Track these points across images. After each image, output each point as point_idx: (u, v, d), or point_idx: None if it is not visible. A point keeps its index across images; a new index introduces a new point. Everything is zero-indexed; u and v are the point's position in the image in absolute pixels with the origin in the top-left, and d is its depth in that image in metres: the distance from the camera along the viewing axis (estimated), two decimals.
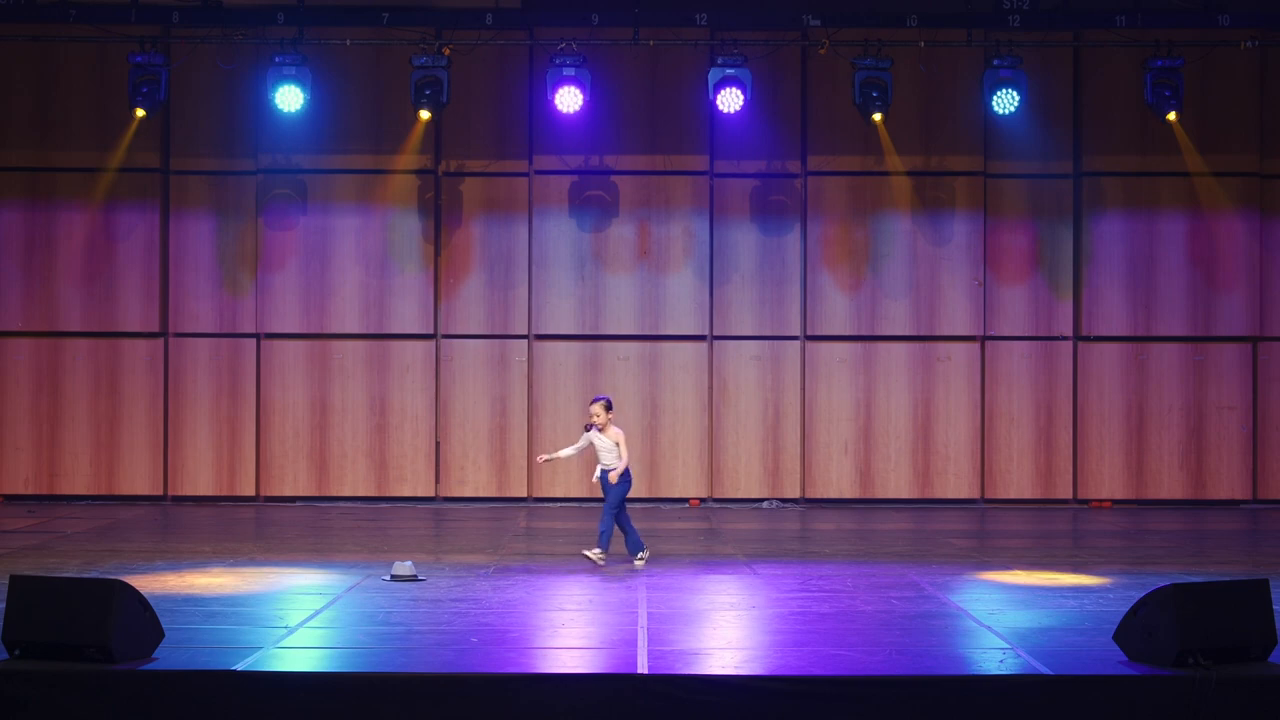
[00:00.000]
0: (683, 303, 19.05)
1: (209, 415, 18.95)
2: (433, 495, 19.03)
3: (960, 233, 19.07)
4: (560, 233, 19.08)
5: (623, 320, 19.04)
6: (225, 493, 18.95)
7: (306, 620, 10.44)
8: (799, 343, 19.11)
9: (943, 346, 19.09)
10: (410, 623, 10.43)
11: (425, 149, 18.95)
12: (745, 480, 19.04)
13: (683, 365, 19.07)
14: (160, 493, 18.96)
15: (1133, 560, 14.09)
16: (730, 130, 18.79)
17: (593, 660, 9.32)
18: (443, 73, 17.59)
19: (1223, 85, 18.86)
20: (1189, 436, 19.08)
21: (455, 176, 19.06)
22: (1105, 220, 19.10)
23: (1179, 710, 8.49)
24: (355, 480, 18.99)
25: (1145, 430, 19.07)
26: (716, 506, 18.94)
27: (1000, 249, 19.11)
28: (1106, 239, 19.08)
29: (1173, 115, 17.81)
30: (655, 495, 18.97)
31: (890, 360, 19.07)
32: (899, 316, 19.03)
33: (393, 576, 12.27)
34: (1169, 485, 19.04)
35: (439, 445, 19.03)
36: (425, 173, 19.02)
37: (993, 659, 9.26)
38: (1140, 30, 17.98)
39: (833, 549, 14.82)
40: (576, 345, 19.09)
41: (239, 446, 18.95)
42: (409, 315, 19.01)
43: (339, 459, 18.98)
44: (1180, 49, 17.71)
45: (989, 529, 17.31)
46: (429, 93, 17.57)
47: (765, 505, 19.00)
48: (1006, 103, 17.60)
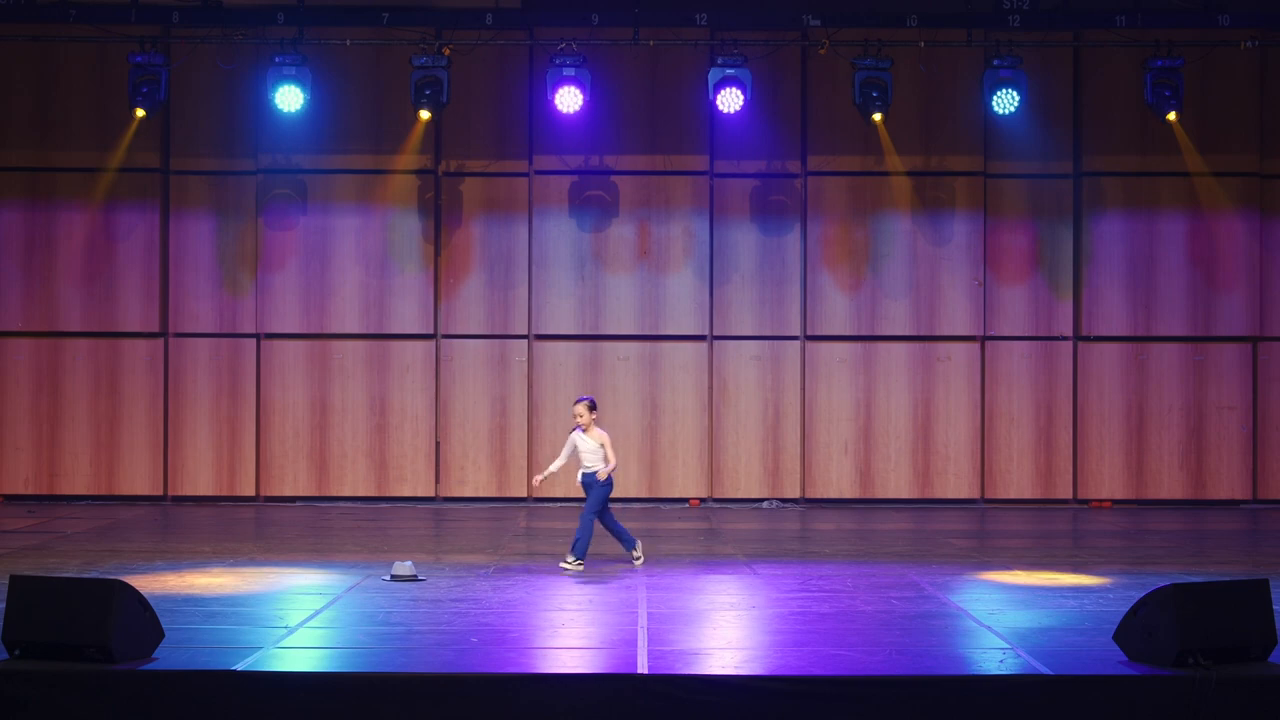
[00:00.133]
0: (683, 303, 19.05)
1: (209, 415, 18.95)
2: (433, 495, 19.03)
3: (960, 233, 19.07)
4: (560, 233, 19.08)
5: (623, 320, 19.04)
6: (225, 493, 18.95)
7: (306, 620, 10.44)
8: (799, 343, 19.11)
9: (943, 346, 19.10)
10: (410, 623, 10.43)
11: (425, 149, 18.95)
12: (745, 480, 19.04)
13: (683, 365, 19.07)
14: (160, 493, 18.96)
15: (1133, 560, 14.08)
16: (730, 130, 18.79)
17: (593, 660, 9.32)
18: (443, 73, 17.59)
19: (1223, 85, 18.86)
20: (1189, 436, 19.08)
21: (455, 176, 19.07)
22: (1105, 220, 19.10)
23: (1179, 710, 8.49)
24: (355, 480, 18.99)
25: (1145, 430, 19.07)
26: (716, 506, 18.94)
27: (1000, 249, 19.11)
28: (1106, 239, 19.08)
29: (1173, 115, 17.82)
30: (655, 495, 18.97)
31: (890, 360, 19.08)
32: (899, 316, 19.03)
33: (393, 576, 12.27)
34: (1169, 485, 19.05)
35: (439, 445, 19.03)
36: (425, 173, 19.02)
37: (993, 659, 9.26)
38: (1140, 30, 17.98)
39: (833, 549, 14.81)
40: (576, 345, 19.09)
41: (239, 446, 18.96)
42: (409, 315, 19.01)
43: (339, 459, 18.98)
44: (1180, 49, 17.71)
45: (989, 529, 17.31)
46: (429, 93, 17.58)
47: (765, 505, 19.00)
48: (1006, 103, 17.60)
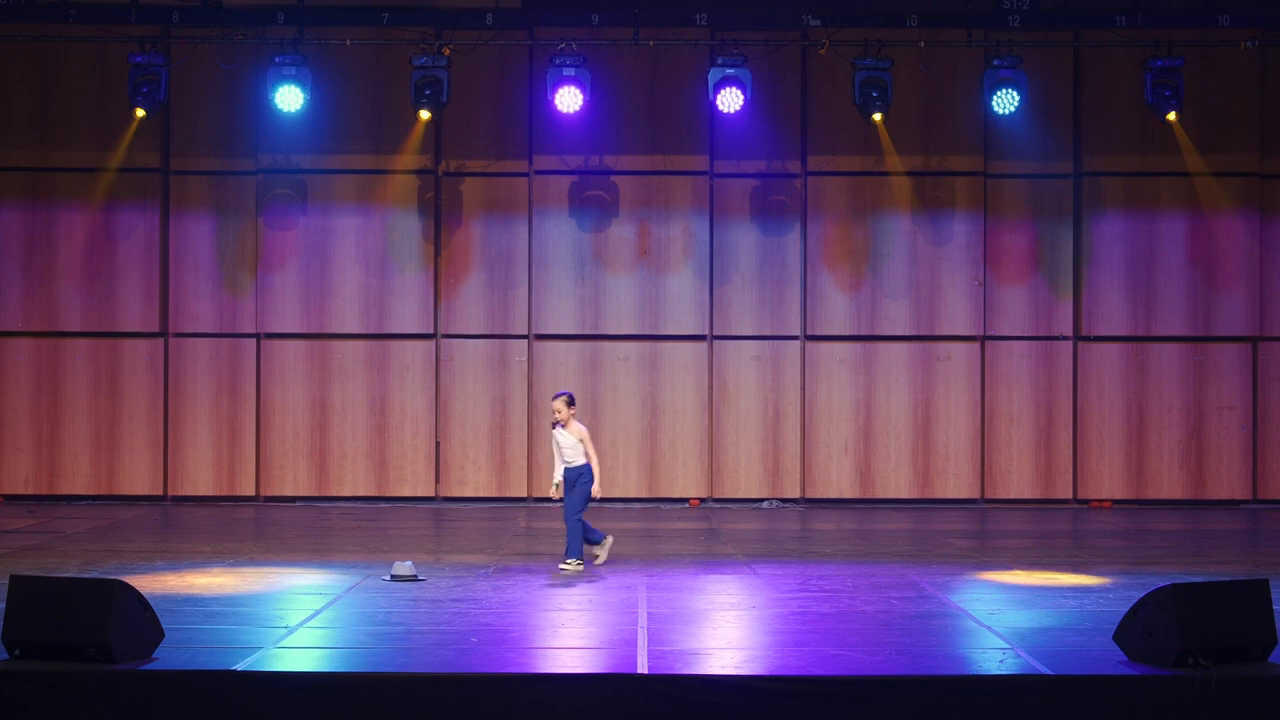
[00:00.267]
0: (683, 303, 19.05)
1: (209, 415, 18.95)
2: (433, 495, 19.03)
3: (960, 233, 19.07)
4: (560, 233, 19.08)
5: (623, 320, 19.04)
6: (225, 493, 18.95)
7: (306, 620, 10.44)
8: (799, 343, 19.11)
9: (943, 346, 19.09)
10: (410, 623, 10.43)
11: (425, 149, 18.95)
12: (745, 480, 19.04)
13: (683, 365, 19.06)
14: (160, 493, 18.96)
15: (1133, 560, 14.08)
16: (730, 130, 18.79)
17: (593, 660, 9.32)
18: (443, 73, 17.59)
19: (1223, 85, 18.85)
20: (1189, 436, 19.08)
21: (455, 176, 19.06)
22: (1105, 220, 19.09)
23: (1179, 710, 8.49)
24: (355, 480, 18.99)
25: (1145, 430, 19.07)
26: (716, 506, 18.94)
27: (1000, 249, 19.11)
28: (1106, 239, 19.08)
29: (1173, 115, 17.82)
30: (655, 495, 18.97)
31: (890, 360, 19.07)
32: (899, 316, 19.03)
33: (393, 576, 12.27)
34: (1169, 485, 19.04)
35: (439, 445, 19.03)
36: (425, 173, 19.02)
37: (993, 659, 9.26)
38: (1140, 30, 17.98)
39: (833, 549, 14.81)
40: (576, 345, 19.09)
41: (239, 446, 18.95)
42: (409, 315, 19.01)
43: (339, 459, 18.98)
44: (1180, 49, 17.71)
45: (989, 529, 17.31)
46: (429, 93, 17.57)
47: (765, 505, 19.00)
48: (1006, 103, 17.60)
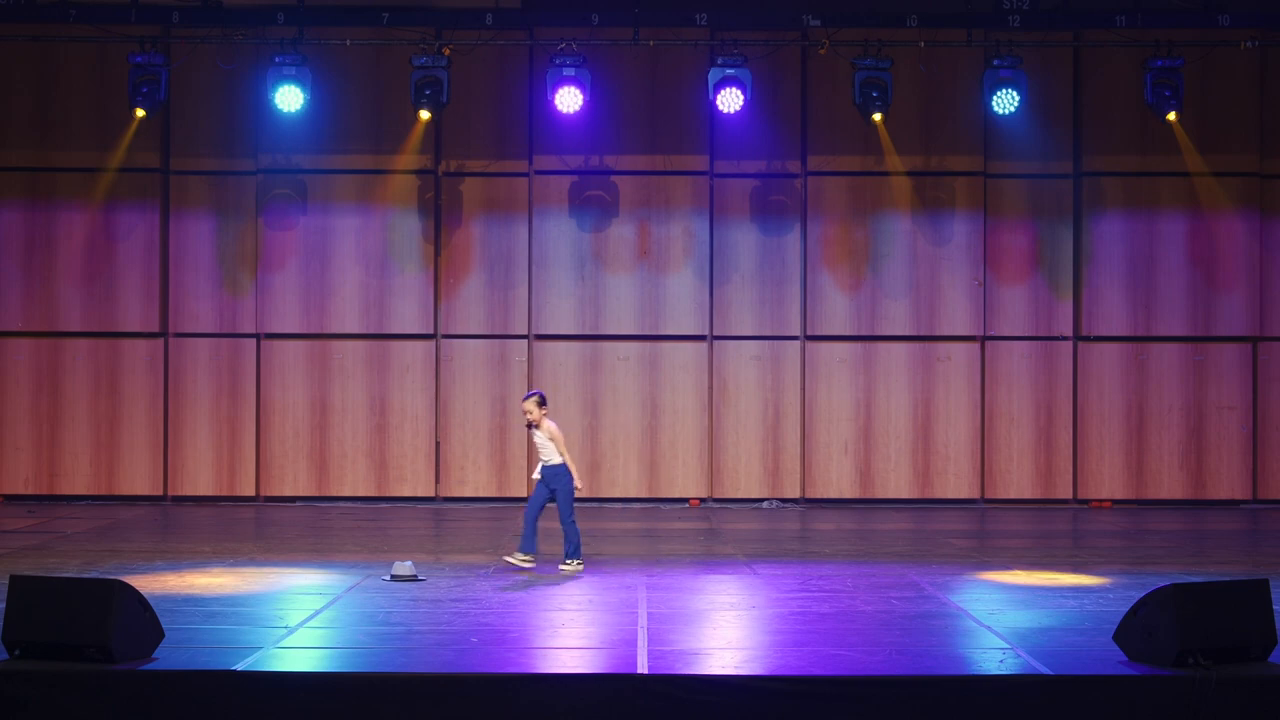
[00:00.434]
0: (683, 303, 19.05)
1: (209, 415, 18.95)
2: (433, 495, 19.03)
3: (960, 233, 19.07)
4: (560, 233, 19.08)
5: (623, 320, 19.04)
6: (225, 493, 18.95)
7: (306, 620, 10.44)
8: (799, 343, 19.11)
9: (943, 346, 19.09)
10: (410, 623, 10.43)
11: (425, 149, 18.95)
12: (745, 480, 19.04)
13: (683, 365, 19.06)
14: (160, 493, 18.96)
15: (1133, 560, 14.08)
16: (730, 130, 18.79)
17: (593, 660, 9.32)
18: (443, 73, 17.59)
19: (1223, 85, 18.85)
20: (1189, 436, 19.07)
21: (455, 176, 19.06)
22: (1105, 220, 19.09)
23: (1179, 710, 8.49)
24: (355, 480, 18.99)
25: (1145, 430, 19.07)
26: (716, 506, 18.94)
27: (1000, 249, 19.11)
28: (1106, 239, 19.08)
29: (1173, 115, 17.81)
30: (655, 495, 18.97)
31: (890, 360, 19.07)
32: (899, 316, 19.03)
33: (393, 576, 12.27)
34: (1169, 485, 19.04)
35: (439, 445, 19.03)
36: (425, 173, 19.02)
37: (993, 659, 9.27)
38: (1140, 30, 17.98)
39: (833, 549, 14.81)
40: (576, 345, 19.09)
41: (239, 446, 18.95)
42: (409, 315, 19.01)
43: (339, 459, 18.98)
44: (1180, 49, 17.71)
45: (989, 529, 17.31)
46: (429, 93, 17.57)
47: (765, 505, 19.00)
48: (1006, 103, 17.60)
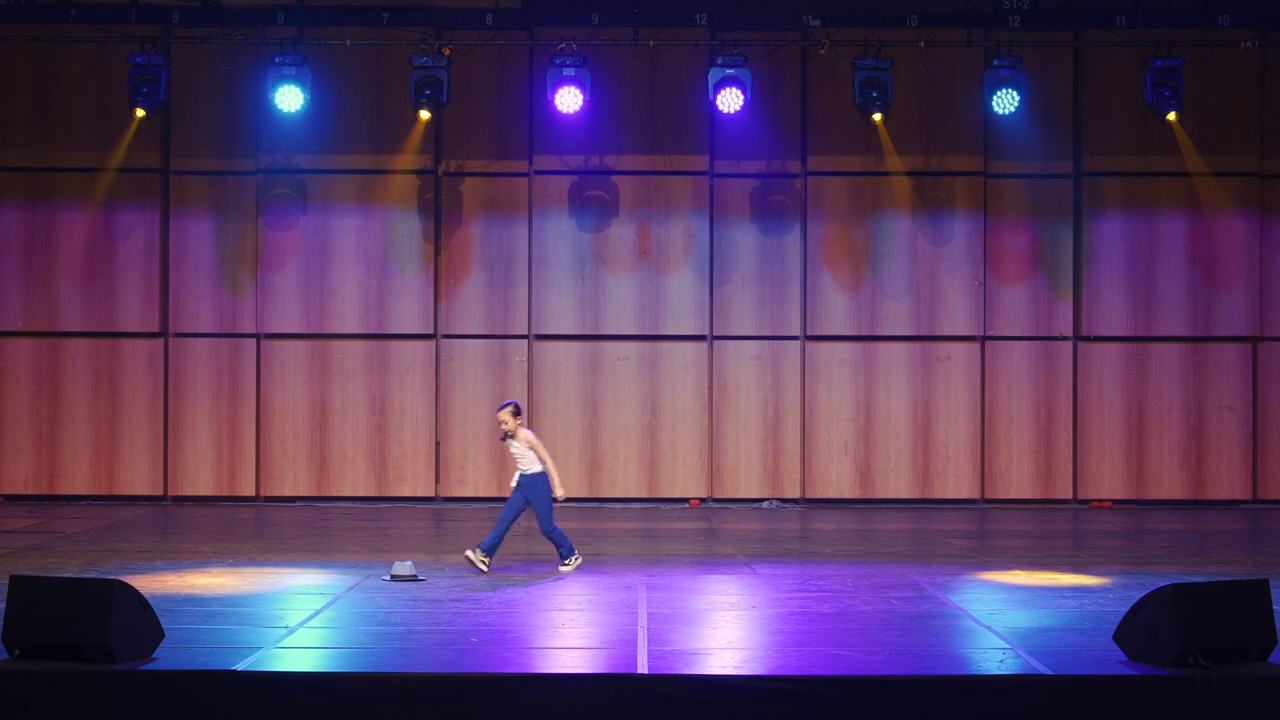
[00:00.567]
0: (683, 303, 19.05)
1: (209, 415, 18.95)
2: (433, 495, 19.02)
3: (960, 233, 19.07)
4: (560, 233, 19.08)
5: (623, 320, 19.04)
6: (225, 493, 18.95)
7: (306, 620, 10.44)
8: (799, 343, 19.10)
9: (943, 346, 19.09)
10: (410, 623, 10.43)
11: (425, 149, 18.95)
12: (745, 480, 19.04)
13: (683, 365, 19.06)
14: (160, 493, 18.96)
15: (1133, 560, 14.08)
16: (730, 130, 18.79)
17: (593, 660, 9.32)
18: (443, 73, 17.59)
19: (1223, 85, 18.85)
20: (1189, 436, 19.07)
21: (455, 176, 19.06)
22: (1105, 220, 19.09)
23: (1179, 710, 8.49)
24: (355, 480, 18.99)
25: (1145, 430, 19.07)
26: (716, 506, 18.94)
27: (1000, 249, 19.11)
28: (1106, 239, 19.08)
29: (1173, 115, 17.81)
30: (655, 495, 18.97)
31: (890, 360, 19.07)
32: (899, 316, 19.03)
33: (393, 576, 12.27)
34: (1169, 485, 19.04)
35: (439, 445, 19.03)
36: (425, 173, 19.02)
37: (993, 659, 9.26)
38: (1140, 30, 17.98)
39: (833, 549, 14.81)
40: (576, 345, 19.09)
41: (239, 446, 18.95)
42: (409, 315, 19.01)
43: (339, 459, 18.98)
44: (1180, 49, 17.71)
45: (989, 529, 17.31)
46: (429, 93, 17.57)
47: (765, 505, 19.00)
48: (1006, 103, 17.60)
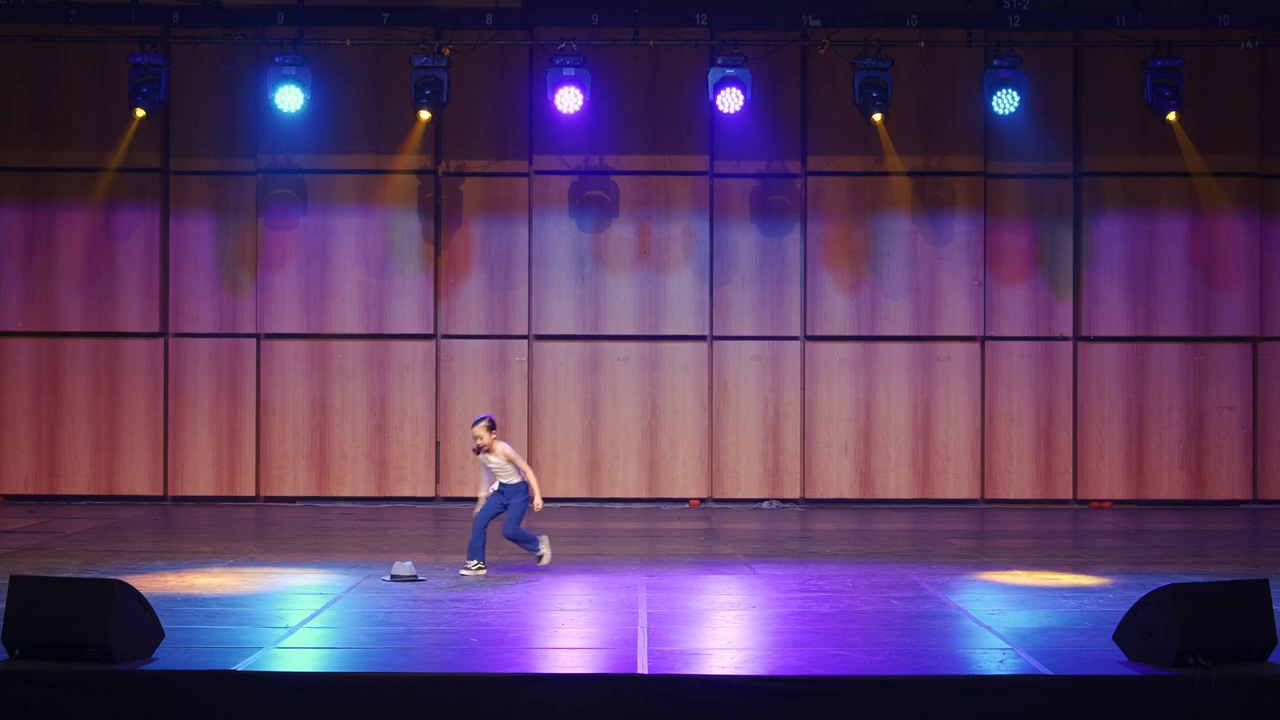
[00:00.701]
0: (683, 303, 19.05)
1: (209, 415, 18.95)
2: (433, 495, 19.03)
3: (960, 233, 19.07)
4: (560, 233, 19.08)
5: (623, 320, 19.04)
6: (225, 493, 18.95)
7: (306, 620, 10.44)
8: (799, 343, 19.10)
9: (943, 346, 19.09)
10: (410, 623, 10.43)
11: (425, 149, 18.95)
12: (745, 480, 19.04)
13: (683, 365, 19.06)
14: (160, 493, 18.96)
15: (1133, 560, 14.08)
16: (730, 130, 18.79)
17: (593, 660, 9.32)
18: (443, 73, 17.59)
19: (1223, 85, 18.85)
20: (1189, 436, 19.07)
21: (455, 176, 19.06)
22: (1105, 220, 19.09)
23: (1179, 710, 8.48)
24: (355, 480, 18.99)
25: (1145, 430, 19.07)
26: (716, 506, 18.94)
27: (1000, 249, 19.11)
28: (1106, 239, 19.08)
29: (1173, 115, 17.81)
30: (655, 495, 18.97)
31: (890, 360, 19.07)
32: (899, 316, 19.03)
33: (393, 576, 12.26)
34: (1169, 485, 19.04)
35: (439, 445, 19.03)
36: (425, 173, 19.02)
37: (993, 659, 9.26)
38: (1140, 30, 17.98)
39: (833, 549, 14.81)
40: (576, 345, 19.09)
41: (239, 446, 18.95)
42: (409, 315, 19.01)
43: (339, 459, 18.98)
44: (1180, 49, 17.71)
45: (989, 529, 17.31)
46: (429, 93, 17.57)
47: (765, 505, 19.00)
48: (1006, 103, 17.60)
